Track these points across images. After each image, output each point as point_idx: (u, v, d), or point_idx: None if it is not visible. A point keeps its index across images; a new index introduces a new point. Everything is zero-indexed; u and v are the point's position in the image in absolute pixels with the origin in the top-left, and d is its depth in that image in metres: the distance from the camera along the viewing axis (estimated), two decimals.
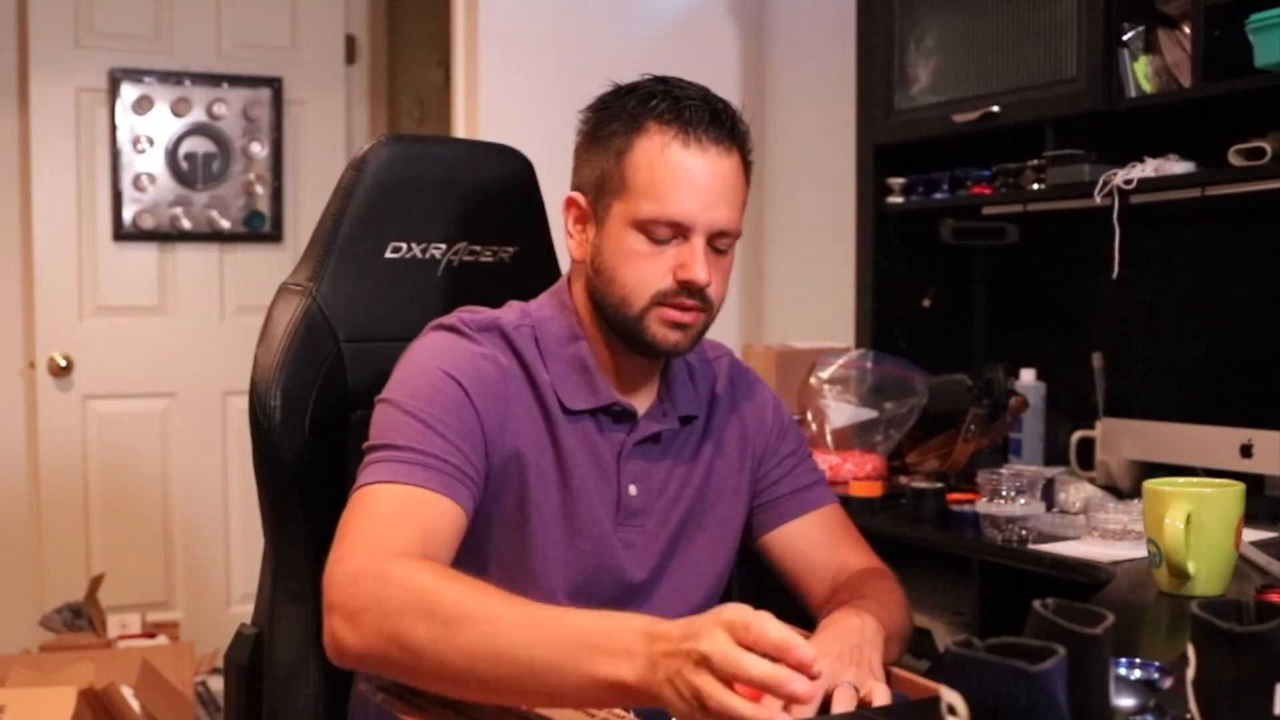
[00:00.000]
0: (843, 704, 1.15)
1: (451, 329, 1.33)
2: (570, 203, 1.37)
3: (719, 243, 1.31)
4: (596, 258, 1.34)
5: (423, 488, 1.20)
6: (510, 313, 1.38)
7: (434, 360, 1.29)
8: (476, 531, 1.29)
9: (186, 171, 3.61)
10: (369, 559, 1.13)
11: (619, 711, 1.00)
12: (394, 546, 1.14)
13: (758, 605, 1.35)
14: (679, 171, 1.28)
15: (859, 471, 2.39)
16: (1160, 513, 1.41)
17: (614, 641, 0.99)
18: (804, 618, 1.36)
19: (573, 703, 1.04)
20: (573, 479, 1.33)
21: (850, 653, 1.23)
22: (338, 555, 1.16)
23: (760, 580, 1.57)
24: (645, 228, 1.29)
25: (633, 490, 1.36)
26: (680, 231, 1.29)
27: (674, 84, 1.33)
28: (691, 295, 1.30)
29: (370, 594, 1.10)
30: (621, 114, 1.32)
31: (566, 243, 1.39)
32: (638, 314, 1.31)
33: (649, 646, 0.97)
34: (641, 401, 1.39)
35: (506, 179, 1.60)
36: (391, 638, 1.07)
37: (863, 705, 1.15)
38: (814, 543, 1.47)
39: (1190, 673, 0.82)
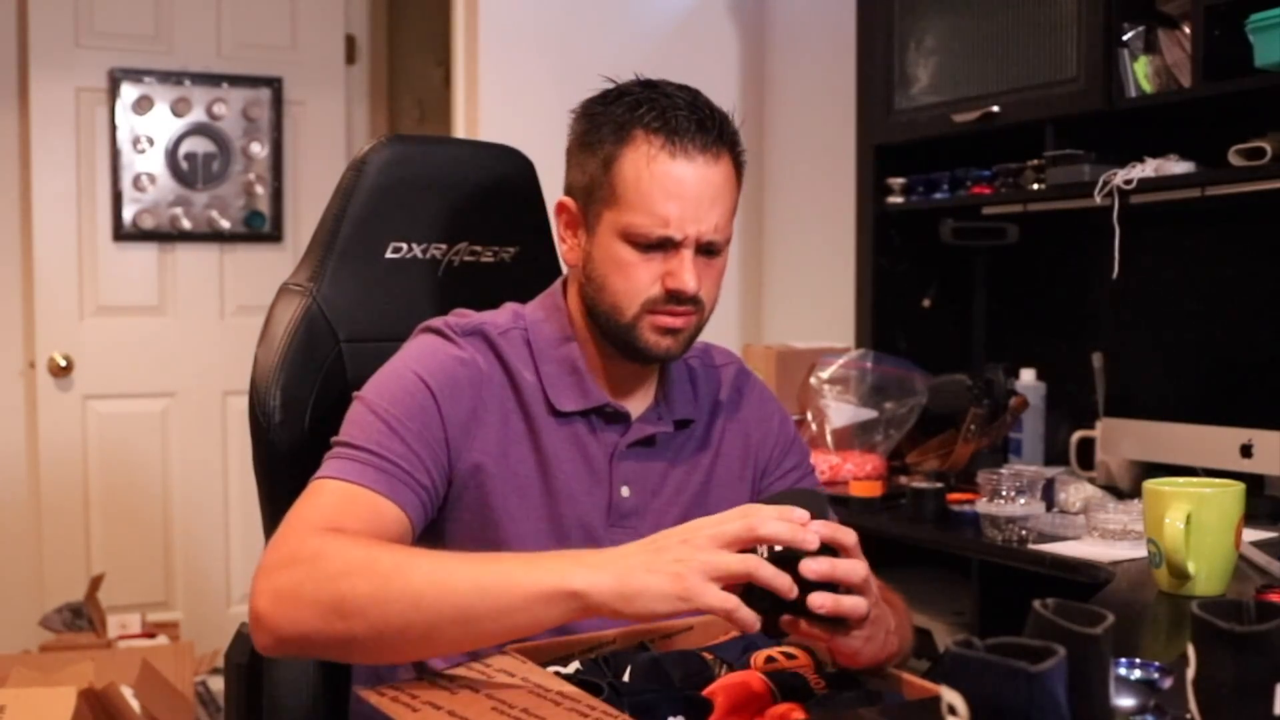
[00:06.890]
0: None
1: (436, 332, 1.35)
2: (561, 208, 1.38)
3: (710, 247, 1.31)
4: (588, 264, 1.34)
5: (370, 489, 1.20)
6: (502, 315, 1.39)
7: (410, 362, 1.31)
8: (433, 543, 1.28)
9: (186, 171, 3.61)
10: (304, 538, 1.13)
11: (612, 711, 1.00)
12: (332, 529, 1.14)
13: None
14: (666, 182, 1.27)
15: (859, 471, 2.39)
16: (1160, 513, 1.41)
17: (563, 555, 1.08)
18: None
19: (522, 620, 1.06)
20: (557, 482, 1.32)
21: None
22: (273, 542, 1.15)
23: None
24: (633, 238, 1.29)
25: (625, 491, 1.36)
26: (669, 242, 1.29)
27: (662, 89, 1.31)
28: (682, 302, 1.30)
29: (304, 570, 1.09)
30: (609, 121, 1.31)
31: (559, 247, 1.40)
32: (629, 321, 1.31)
33: (618, 552, 1.05)
34: (636, 404, 1.38)
35: (507, 179, 1.59)
36: (330, 605, 1.07)
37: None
38: None
39: (1190, 673, 0.82)
